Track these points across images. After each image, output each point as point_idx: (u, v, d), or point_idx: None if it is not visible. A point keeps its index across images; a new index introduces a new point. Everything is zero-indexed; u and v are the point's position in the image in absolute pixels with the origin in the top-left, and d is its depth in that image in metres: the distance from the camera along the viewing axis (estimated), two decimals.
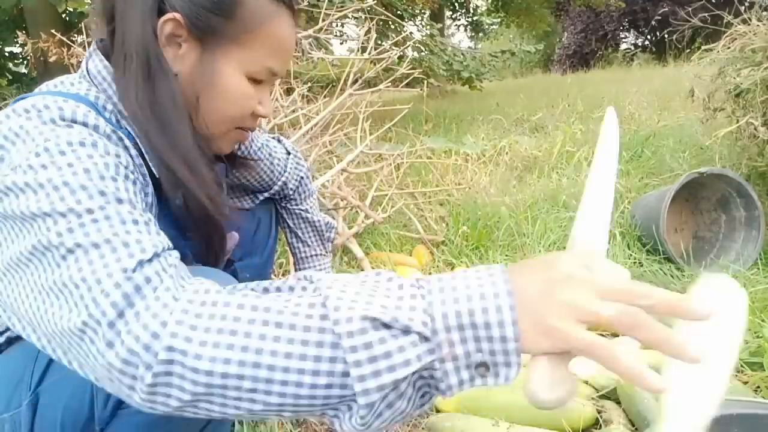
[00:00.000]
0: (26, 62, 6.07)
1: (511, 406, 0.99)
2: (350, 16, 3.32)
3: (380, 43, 2.78)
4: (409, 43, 3.57)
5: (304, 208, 1.13)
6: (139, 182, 0.58)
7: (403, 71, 2.41)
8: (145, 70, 0.62)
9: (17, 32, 2.44)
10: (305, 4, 2.18)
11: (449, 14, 14.39)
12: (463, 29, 17.52)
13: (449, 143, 3.29)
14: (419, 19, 7.15)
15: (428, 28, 6.42)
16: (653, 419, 0.89)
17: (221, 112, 0.68)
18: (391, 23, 5.56)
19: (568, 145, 3.02)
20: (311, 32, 2.22)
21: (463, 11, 14.98)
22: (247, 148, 0.95)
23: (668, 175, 2.39)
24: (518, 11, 11.18)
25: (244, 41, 0.65)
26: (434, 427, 0.97)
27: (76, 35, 2.13)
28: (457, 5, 13.65)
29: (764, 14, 1.95)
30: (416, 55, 5.52)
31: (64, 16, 5.02)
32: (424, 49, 5.59)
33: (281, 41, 0.68)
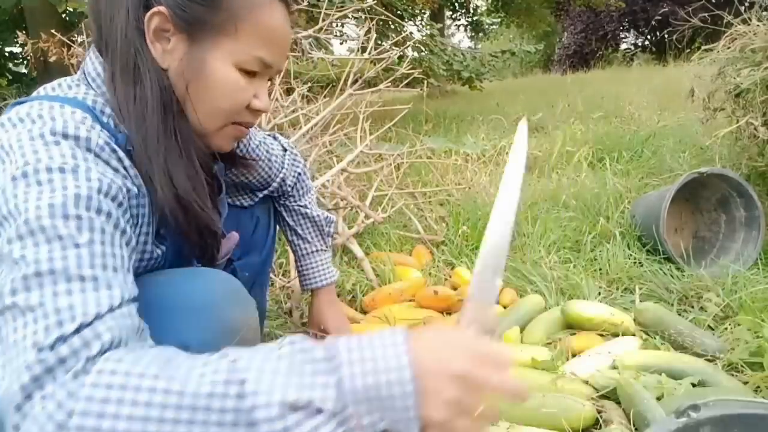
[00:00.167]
0: (26, 62, 6.06)
1: (511, 406, 0.99)
2: (350, 16, 3.32)
3: (380, 43, 2.77)
4: (409, 43, 3.57)
5: (302, 204, 1.12)
6: (126, 200, 0.58)
7: (403, 71, 2.41)
8: (130, 68, 0.62)
9: (17, 32, 2.43)
10: (305, 4, 2.18)
11: (449, 14, 14.39)
12: (463, 29, 17.52)
13: (449, 143, 3.29)
14: (419, 19, 7.15)
15: (428, 28, 6.43)
16: (653, 419, 0.89)
17: (212, 105, 0.66)
18: (391, 23, 5.55)
19: (568, 145, 3.02)
20: (311, 32, 2.22)
21: (463, 11, 14.99)
22: (245, 146, 0.95)
23: (668, 175, 2.39)
24: (518, 11, 11.20)
25: (231, 31, 0.63)
26: None
27: (76, 35, 2.12)
28: (457, 5, 13.65)
29: (764, 14, 1.95)
30: (416, 55, 5.52)
31: (64, 16, 5.01)
32: (424, 49, 5.59)
33: (271, 30, 0.66)
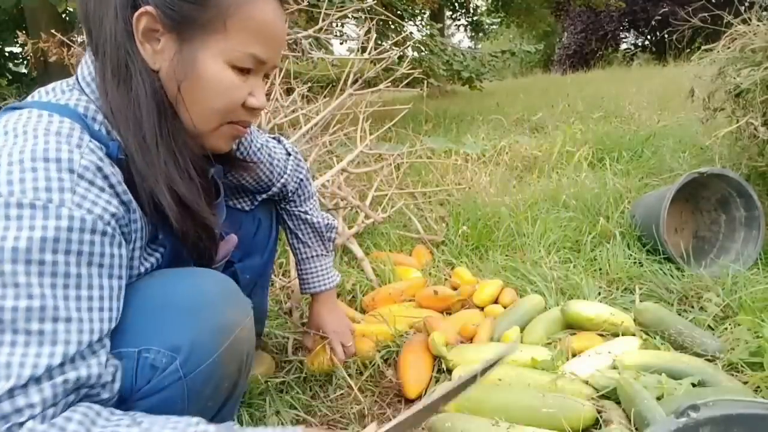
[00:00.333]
0: (26, 62, 6.07)
1: (511, 406, 0.99)
2: (350, 16, 3.32)
3: (380, 43, 2.78)
4: (409, 43, 3.58)
5: (303, 209, 1.11)
6: (110, 223, 0.57)
7: (403, 71, 2.41)
8: (122, 70, 0.61)
9: (17, 32, 2.43)
10: (305, 4, 2.18)
11: (449, 14, 14.38)
12: (463, 29, 17.52)
13: (449, 143, 3.29)
14: (419, 19, 7.15)
15: (428, 28, 6.43)
16: (653, 419, 0.89)
17: (205, 105, 0.65)
18: (391, 23, 5.56)
19: (568, 145, 3.02)
20: (311, 32, 2.22)
21: (463, 11, 14.98)
22: (246, 149, 0.94)
23: (668, 175, 2.39)
24: (518, 11, 11.21)
25: (221, 28, 0.62)
26: (434, 427, 0.97)
27: (76, 35, 2.12)
28: (457, 5, 13.64)
29: (764, 14, 1.95)
30: (416, 55, 5.52)
31: (64, 16, 5.00)
32: (424, 49, 5.59)
33: (263, 25, 0.65)
